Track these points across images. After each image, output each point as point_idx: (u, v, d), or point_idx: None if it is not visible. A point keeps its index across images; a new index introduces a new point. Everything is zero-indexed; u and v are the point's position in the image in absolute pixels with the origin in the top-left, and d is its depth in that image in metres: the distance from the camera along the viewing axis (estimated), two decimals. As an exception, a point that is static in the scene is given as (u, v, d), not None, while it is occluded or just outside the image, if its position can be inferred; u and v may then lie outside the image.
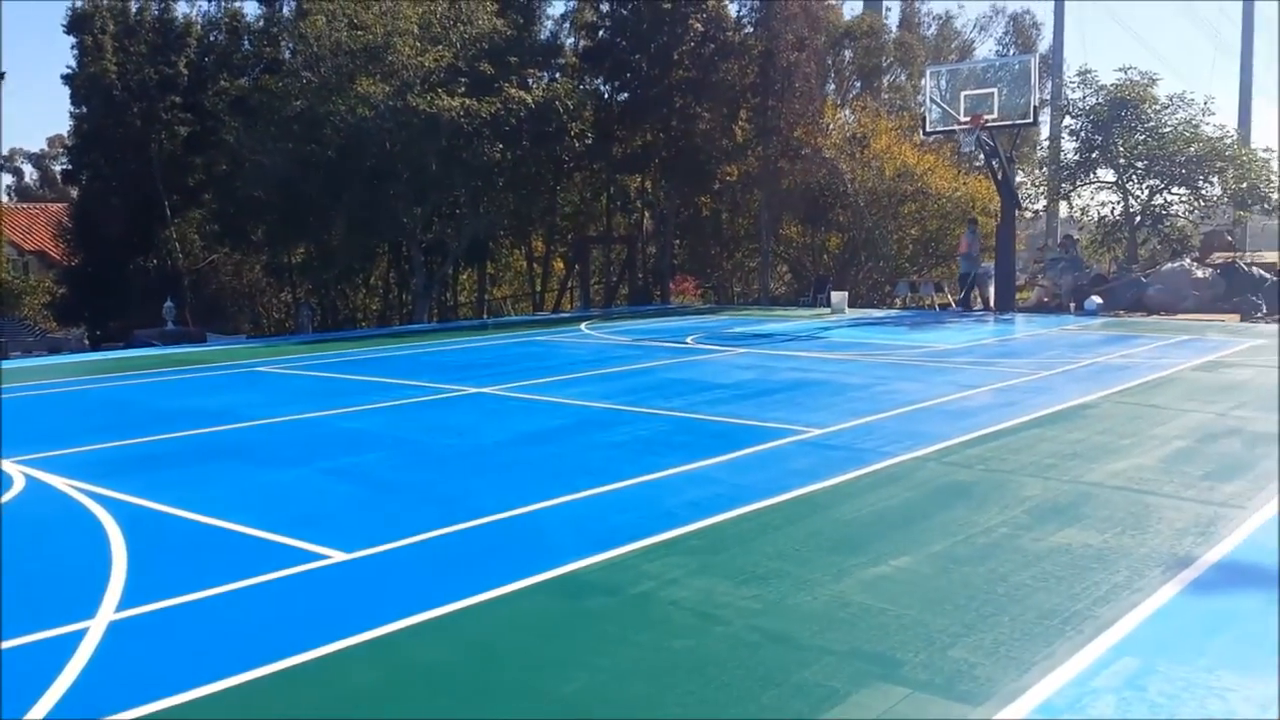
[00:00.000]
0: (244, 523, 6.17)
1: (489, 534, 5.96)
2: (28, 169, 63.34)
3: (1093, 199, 28.21)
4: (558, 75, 28.76)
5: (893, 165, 28.79)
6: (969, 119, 21.89)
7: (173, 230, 28.20)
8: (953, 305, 25.20)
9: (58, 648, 4.34)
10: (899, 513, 6.28)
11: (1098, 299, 22.41)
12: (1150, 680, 3.92)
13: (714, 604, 4.78)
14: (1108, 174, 27.05)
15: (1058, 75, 32.62)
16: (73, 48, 27.69)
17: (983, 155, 24.29)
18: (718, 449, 8.05)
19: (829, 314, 22.58)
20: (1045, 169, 29.75)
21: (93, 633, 4.51)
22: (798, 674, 4.02)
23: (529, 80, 26.28)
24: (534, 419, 9.71)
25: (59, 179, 47.26)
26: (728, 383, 11.84)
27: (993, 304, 23.53)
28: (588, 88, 29.30)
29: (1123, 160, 26.19)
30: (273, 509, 6.54)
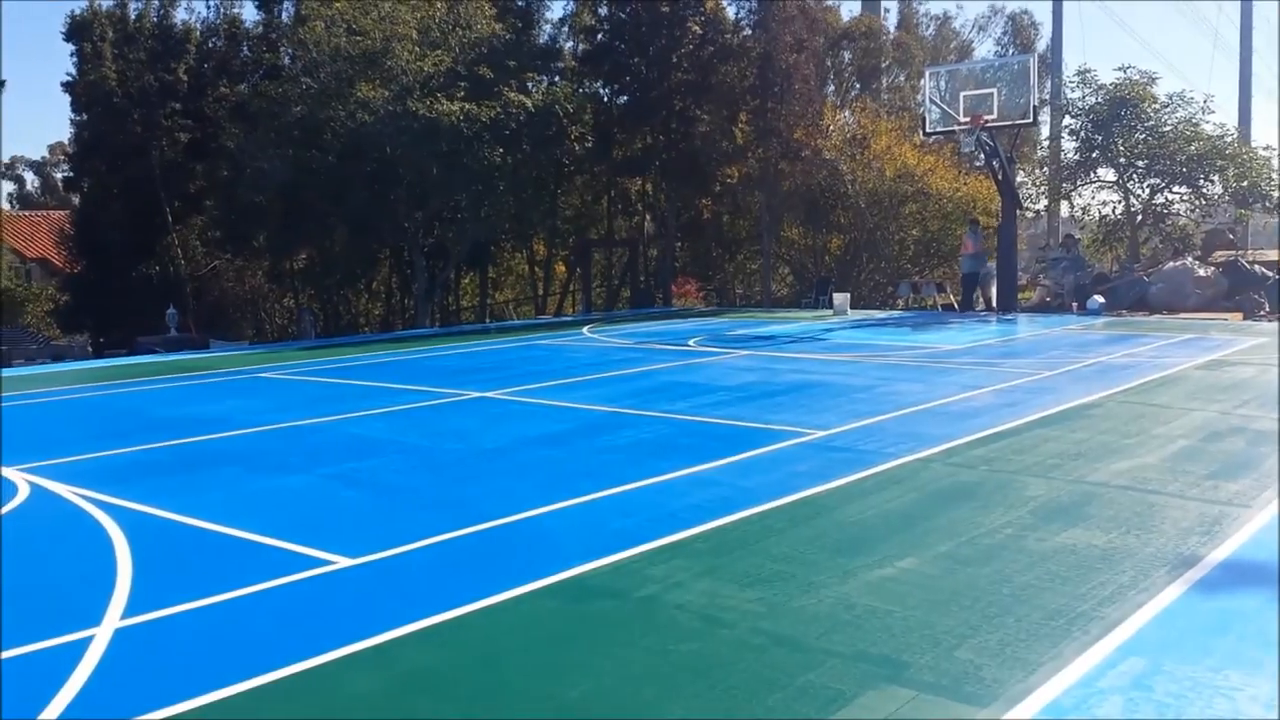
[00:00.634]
0: (248, 529, 6.17)
1: (493, 538, 5.96)
2: (29, 176, 63.46)
3: (1094, 198, 28.24)
4: (557, 79, 28.78)
5: (893, 166, 28.78)
6: (969, 119, 21.89)
7: (174, 237, 28.21)
8: (954, 306, 25.20)
9: (65, 655, 4.35)
10: (903, 514, 6.27)
11: (1100, 298, 22.40)
12: (1157, 680, 3.92)
13: (719, 607, 4.77)
14: (1108, 173, 27.07)
15: (1057, 75, 32.64)
16: (72, 55, 27.74)
17: (983, 155, 24.27)
18: (721, 452, 8.04)
19: (831, 315, 22.58)
20: (1046, 169, 29.76)
21: (99, 639, 4.51)
22: (803, 676, 4.02)
23: (528, 84, 26.30)
24: (537, 423, 9.71)
25: (61, 186, 47.27)
26: (731, 385, 11.84)
27: (995, 304, 23.53)
28: (587, 91, 29.34)
29: (1123, 159, 26.19)
30: (277, 515, 6.55)
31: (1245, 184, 25.45)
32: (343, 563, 5.51)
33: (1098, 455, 7.78)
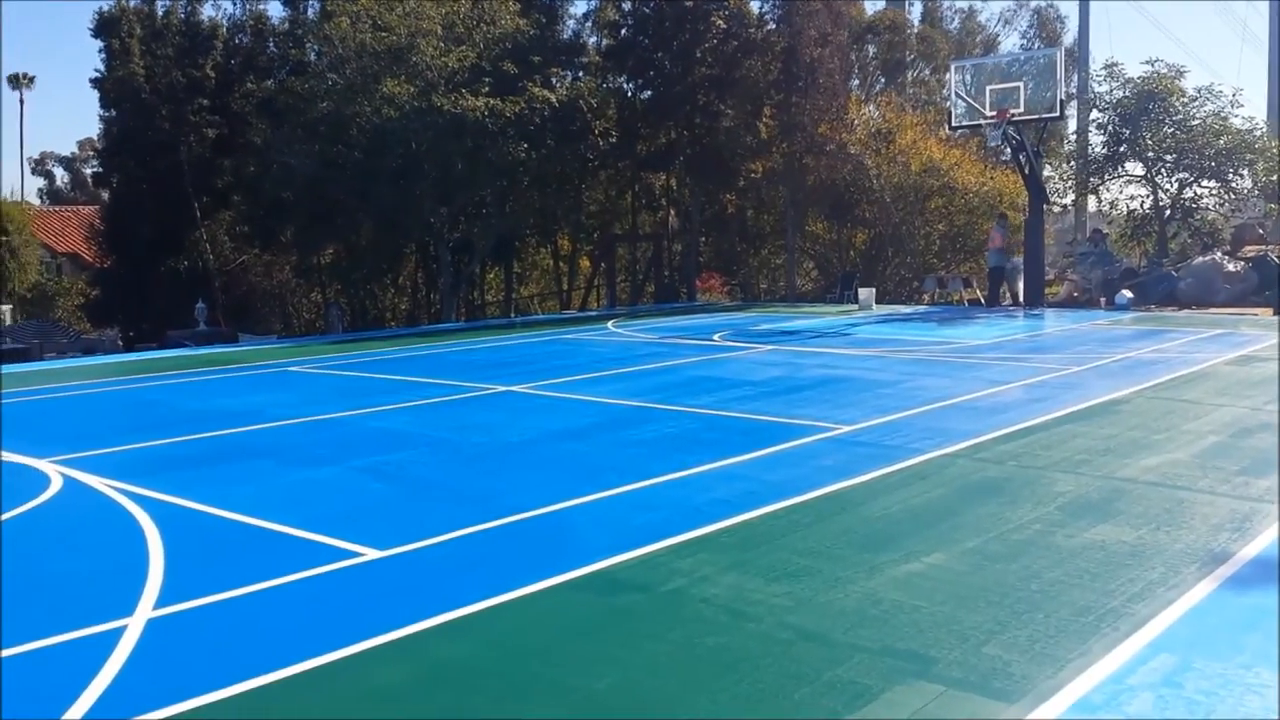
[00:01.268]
0: (278, 521, 6.23)
1: (520, 532, 5.99)
2: (59, 172, 64.22)
3: (1121, 192, 27.99)
4: (581, 74, 28.82)
5: (919, 160, 28.62)
6: (995, 113, 21.74)
7: (203, 232, 28.46)
8: (981, 301, 25.05)
9: (99, 644, 4.41)
10: (930, 509, 6.25)
11: (1128, 293, 22.22)
12: (1187, 677, 3.89)
13: (745, 601, 4.78)
14: (1136, 167, 26.81)
15: (1084, 68, 32.36)
16: (100, 51, 28.01)
17: (1009, 149, 24.10)
18: (746, 446, 8.04)
19: (856, 310, 22.50)
20: (1073, 163, 29.50)
21: (131, 629, 4.57)
22: (830, 671, 4.02)
23: (552, 79, 26.35)
24: (562, 417, 9.74)
25: (90, 182, 47.81)
26: (755, 380, 11.83)
27: (1021, 299, 23.37)
28: (611, 86, 29.35)
29: (1151, 153, 25.93)
30: (306, 507, 6.60)
31: (1275, 178, 25.17)
32: (371, 555, 5.55)
33: (1127, 451, 7.73)
